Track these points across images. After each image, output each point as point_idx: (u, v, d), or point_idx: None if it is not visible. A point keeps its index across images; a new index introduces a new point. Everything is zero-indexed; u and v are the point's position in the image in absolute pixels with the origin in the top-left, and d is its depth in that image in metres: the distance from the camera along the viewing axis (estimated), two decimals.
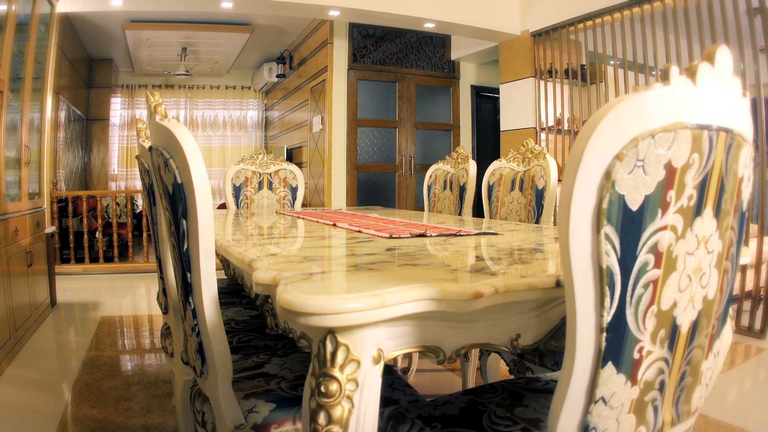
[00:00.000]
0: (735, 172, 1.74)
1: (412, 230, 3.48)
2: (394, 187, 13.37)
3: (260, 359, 2.96)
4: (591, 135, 1.37)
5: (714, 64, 1.53)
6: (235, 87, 19.13)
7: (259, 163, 7.09)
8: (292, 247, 2.72)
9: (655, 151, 1.44)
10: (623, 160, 1.39)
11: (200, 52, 15.78)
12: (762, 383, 6.06)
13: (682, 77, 1.47)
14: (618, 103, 1.38)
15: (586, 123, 1.41)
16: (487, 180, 5.95)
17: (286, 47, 15.68)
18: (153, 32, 13.55)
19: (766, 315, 7.45)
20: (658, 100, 1.43)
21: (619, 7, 9.08)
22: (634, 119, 1.39)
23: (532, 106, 11.08)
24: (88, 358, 6.33)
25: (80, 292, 10.05)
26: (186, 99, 18.73)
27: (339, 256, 2.48)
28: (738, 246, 1.94)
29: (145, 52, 15.56)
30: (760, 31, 7.32)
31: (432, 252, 2.57)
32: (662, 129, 1.43)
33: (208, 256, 2.21)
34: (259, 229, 3.98)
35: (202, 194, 2.15)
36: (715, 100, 1.56)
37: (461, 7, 10.45)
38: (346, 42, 12.64)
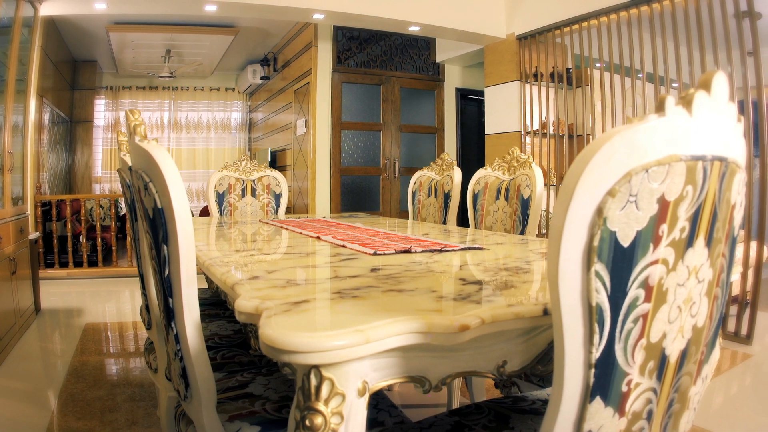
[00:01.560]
0: (728, 200, 1.72)
1: (396, 245, 3.44)
2: (378, 190, 13.34)
3: (244, 378, 2.91)
4: (583, 171, 1.33)
5: (710, 92, 1.50)
6: (219, 88, 19.10)
7: (243, 170, 7.07)
8: (275, 267, 2.66)
9: (648, 185, 1.40)
10: (615, 196, 1.35)
11: (184, 54, 15.74)
12: (749, 390, 6.04)
13: (677, 108, 1.43)
14: (611, 136, 1.34)
15: (577, 156, 1.38)
16: (472, 188, 5.93)
17: (270, 49, 15.66)
18: (137, 34, 13.51)
19: (752, 320, 7.44)
20: (653, 133, 1.39)
21: (606, 11, 9.07)
22: (627, 153, 1.36)
23: (517, 109, 11.05)
24: (73, 367, 6.27)
25: (64, 298, 9.99)
26: (170, 101, 18.68)
27: (322, 278, 2.42)
28: (728, 272, 1.92)
29: (129, 54, 15.51)
30: (747, 35, 7.31)
31: (417, 273, 2.52)
32: (656, 162, 1.39)
33: (189, 282, 2.18)
34: (241, 243, 3.93)
35: (182, 220, 2.12)
36: (711, 129, 1.53)
37: (446, 11, 10.43)
38: (331, 44, 12.60)
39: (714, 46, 7.59)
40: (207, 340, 3.41)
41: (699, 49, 7.81)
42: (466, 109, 14.57)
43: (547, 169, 10.59)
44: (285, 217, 6.73)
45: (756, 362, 6.86)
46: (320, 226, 4.93)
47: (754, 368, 6.70)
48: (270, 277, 2.35)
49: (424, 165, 13.04)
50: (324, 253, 3.28)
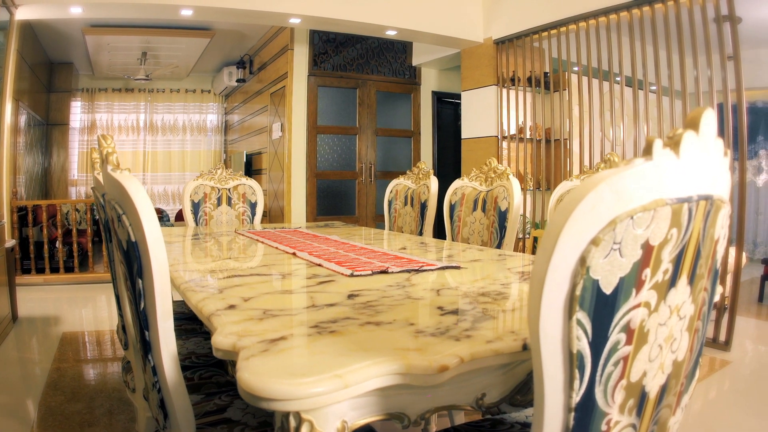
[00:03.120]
0: (712, 237, 1.70)
1: (373, 264, 3.43)
2: (354, 194, 13.30)
3: (222, 402, 2.88)
4: (567, 220, 1.31)
5: (698, 131, 1.48)
6: (195, 90, 19.01)
7: (218, 179, 7.03)
8: (251, 293, 2.62)
9: (633, 232, 1.38)
10: (599, 245, 1.33)
11: (160, 57, 15.67)
12: (728, 399, 6.03)
13: (665, 150, 1.41)
14: (597, 184, 1.31)
15: (561, 204, 1.36)
16: (449, 199, 5.91)
17: (247, 51, 15.58)
18: (113, 37, 13.43)
19: (731, 326, 7.43)
20: (639, 178, 1.37)
21: (585, 17, 9.06)
22: (612, 201, 1.34)
23: (493, 114, 11.04)
24: (51, 378, 6.20)
25: (42, 305, 9.91)
26: (146, 103, 18.57)
27: (299, 308, 2.39)
28: (710, 304, 1.91)
29: (105, 57, 15.43)
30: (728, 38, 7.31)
31: (394, 299, 2.50)
32: (642, 208, 1.38)
33: (165, 316, 2.16)
34: (217, 262, 3.88)
35: (157, 256, 2.10)
36: (698, 169, 1.51)
37: (423, 15, 10.41)
38: (307, 48, 12.53)
39: (693, 50, 7.60)
40: (184, 360, 3.38)
41: (678, 52, 7.81)
42: (442, 113, 14.56)
43: (523, 174, 10.58)
44: (261, 226, 6.72)
45: (734, 369, 6.85)
46: (296, 240, 4.91)
47: (733, 375, 6.69)
48: (246, 307, 2.33)
49: (400, 169, 13.05)
50: (300, 273, 3.25)
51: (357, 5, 9.76)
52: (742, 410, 5.66)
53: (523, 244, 10.48)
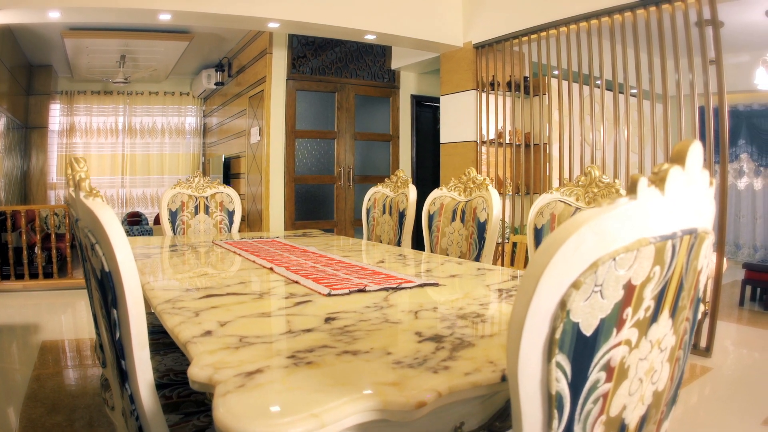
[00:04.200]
0: (695, 268, 1.69)
1: (351, 280, 3.42)
2: (332, 199, 13.24)
3: (201, 422, 2.84)
4: (548, 263, 1.29)
5: (685, 165, 1.47)
6: (173, 93, 18.88)
7: (195, 187, 7.01)
8: (228, 316, 2.60)
9: (615, 273, 1.36)
10: (580, 288, 1.31)
11: (139, 59, 15.59)
12: (709, 406, 6.00)
13: (650, 189, 1.39)
14: (579, 226, 1.29)
15: (542, 246, 1.33)
16: (428, 209, 5.91)
17: (225, 54, 15.51)
18: (92, 40, 13.35)
19: (711, 332, 7.38)
20: (623, 219, 1.36)
21: (565, 22, 9.03)
22: (595, 243, 1.32)
23: (473, 119, 11.01)
24: (31, 390, 6.14)
25: (21, 311, 9.82)
26: (124, 105, 18.44)
27: (276, 333, 2.37)
28: (692, 331, 1.90)
29: (84, 60, 15.34)
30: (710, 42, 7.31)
31: (372, 323, 2.48)
32: (624, 249, 1.36)
33: (141, 346, 2.13)
34: (194, 279, 3.82)
35: (131, 288, 2.07)
36: (683, 203, 1.50)
37: (403, 19, 10.37)
38: (285, 52, 12.46)
39: (675, 54, 7.59)
40: (162, 377, 3.33)
41: (660, 56, 7.80)
42: (421, 116, 14.49)
43: (503, 179, 10.56)
44: (238, 235, 6.69)
45: (715, 375, 6.82)
46: (273, 252, 4.88)
47: (714, 382, 6.65)
48: (222, 333, 2.30)
49: (379, 173, 13.02)
50: (277, 292, 3.23)
51: (336, 10, 9.73)
52: (724, 418, 5.65)
53: (502, 249, 10.45)
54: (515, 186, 10.54)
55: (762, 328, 8.93)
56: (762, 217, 15.21)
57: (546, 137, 10.01)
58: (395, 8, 10.29)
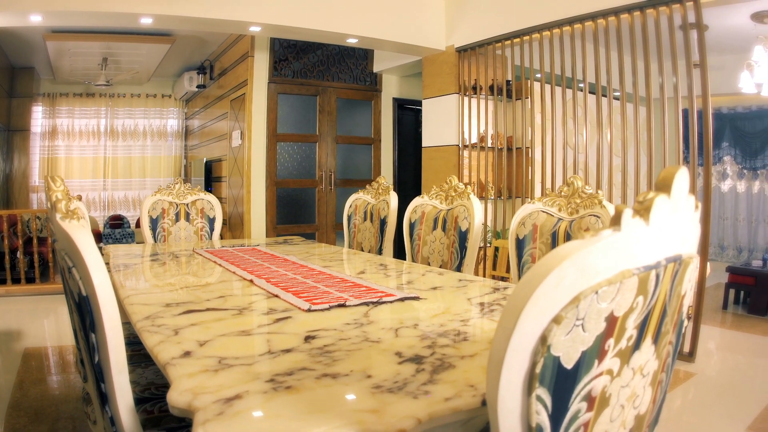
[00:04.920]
0: (679, 294, 1.68)
1: (331, 294, 3.41)
2: (314, 202, 13.21)
3: None
4: (528, 299, 1.27)
5: (671, 193, 1.45)
6: (155, 95, 18.78)
7: (176, 193, 6.97)
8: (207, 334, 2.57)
9: (597, 306, 1.34)
10: (561, 323, 1.29)
11: (121, 62, 15.52)
12: (693, 412, 5.97)
13: (634, 220, 1.38)
14: (561, 261, 1.28)
15: (521, 281, 1.32)
16: (409, 216, 5.91)
17: (207, 57, 15.44)
18: (74, 42, 13.30)
19: (695, 337, 7.34)
20: (606, 251, 1.34)
21: (549, 26, 9.00)
22: (577, 277, 1.30)
23: (455, 123, 10.99)
24: (14, 399, 6.07)
25: (4, 317, 9.72)
26: (106, 108, 18.33)
27: (255, 355, 2.33)
28: (675, 354, 1.89)
29: (66, 62, 15.28)
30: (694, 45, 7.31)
31: (352, 343, 2.47)
32: (607, 282, 1.34)
33: (120, 370, 2.12)
34: (173, 292, 3.76)
35: (109, 313, 2.06)
36: (668, 232, 1.49)
37: (385, 23, 10.35)
38: (267, 55, 12.41)
39: (659, 57, 7.57)
40: (143, 390, 3.30)
41: (643, 59, 7.78)
42: (403, 119, 14.46)
43: (485, 183, 10.55)
44: (219, 242, 6.66)
45: (699, 381, 6.80)
46: (254, 262, 4.86)
47: (697, 387, 6.64)
48: (202, 354, 2.28)
49: (360, 177, 13.01)
50: (257, 308, 3.20)
51: (317, 13, 9.71)
52: (708, 424, 5.64)
53: (484, 253, 10.44)
54: (497, 190, 10.53)
55: (745, 331, 8.93)
56: (746, 219, 15.31)
57: (528, 141, 9.97)
58: (377, 12, 10.27)
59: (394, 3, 10.51)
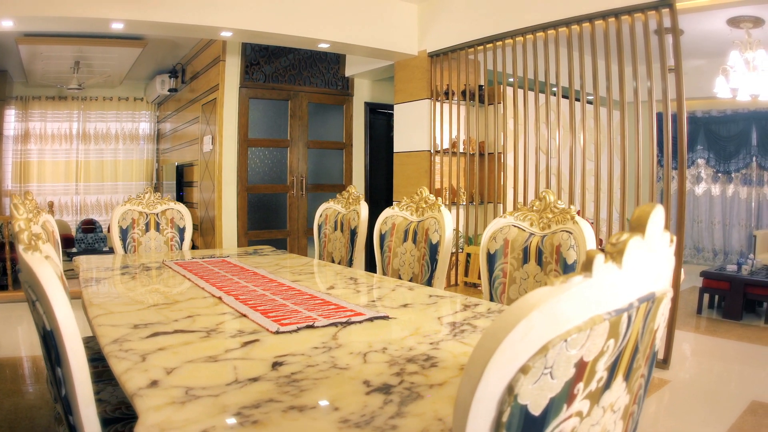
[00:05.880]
0: (651, 330, 1.67)
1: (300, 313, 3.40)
2: (285, 208, 13.17)
3: None
4: (495, 350, 1.24)
5: (645, 234, 1.43)
6: (127, 98, 18.68)
7: (146, 203, 6.93)
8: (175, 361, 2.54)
9: (566, 353, 1.32)
10: (528, 372, 1.27)
11: (93, 65, 15.44)
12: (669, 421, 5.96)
13: (606, 264, 1.36)
14: (529, 311, 1.24)
15: (488, 330, 1.29)
16: (379, 228, 5.89)
17: (179, 60, 15.37)
18: (47, 46, 13.25)
19: (669, 343, 7.36)
20: (576, 299, 1.31)
21: (522, 32, 8.99)
22: (545, 326, 1.27)
23: (427, 128, 10.99)
24: None
25: None
26: (79, 111, 18.22)
27: (222, 384, 2.29)
28: (646, 385, 1.87)
29: (39, 66, 15.20)
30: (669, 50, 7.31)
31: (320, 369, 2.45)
32: (577, 330, 1.31)
33: (87, 404, 2.10)
34: (141, 312, 3.70)
35: (74, 349, 2.04)
36: (641, 272, 1.47)
37: (357, 28, 10.34)
38: (239, 59, 12.38)
39: (634, 61, 7.58)
40: (114, 410, 3.26)
41: (618, 63, 7.78)
42: (375, 124, 14.47)
43: (457, 189, 10.54)
44: (189, 253, 6.63)
45: (674, 388, 6.80)
46: (223, 275, 4.84)
47: (672, 395, 6.63)
48: (169, 383, 2.26)
49: (332, 182, 13.01)
50: (225, 329, 3.18)
51: (289, 18, 9.69)
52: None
53: (456, 259, 10.43)
54: (469, 195, 10.52)
55: (720, 336, 8.94)
56: (720, 222, 15.46)
57: (501, 146, 9.97)
58: (349, 17, 10.25)
59: (367, 8, 10.51)
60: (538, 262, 4.23)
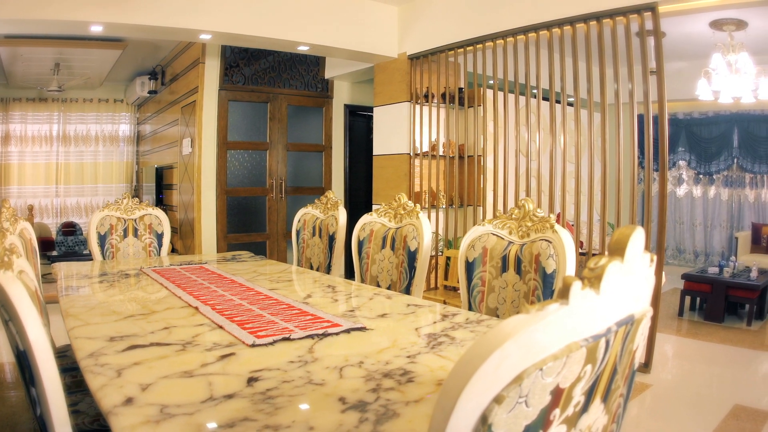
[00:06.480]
0: (630, 351, 1.65)
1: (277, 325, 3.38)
2: (264, 211, 13.14)
3: None
4: (467, 381, 1.22)
5: (624, 258, 1.41)
6: (108, 100, 18.60)
7: (124, 209, 6.89)
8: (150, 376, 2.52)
9: (541, 382, 1.29)
10: (503, 402, 1.25)
11: (74, 67, 15.37)
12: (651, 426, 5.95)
13: (584, 291, 1.33)
14: (503, 341, 1.22)
15: (461, 360, 1.27)
16: (357, 234, 5.87)
17: (159, 62, 15.31)
18: (27, 48, 13.21)
19: (650, 346, 7.34)
20: (552, 327, 1.29)
21: (503, 35, 9.00)
22: (520, 356, 1.25)
23: (406, 131, 10.99)
24: None
25: None
26: (59, 113, 18.12)
27: (197, 402, 2.26)
28: (625, 403, 1.86)
29: (19, 67, 15.13)
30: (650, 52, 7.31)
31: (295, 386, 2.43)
32: (552, 358, 1.29)
33: (62, 424, 2.09)
34: (117, 323, 3.65)
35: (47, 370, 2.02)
36: (620, 296, 1.45)
37: (336, 30, 10.34)
38: (218, 61, 12.36)
39: (615, 63, 7.58)
40: (92, 422, 3.23)
41: (599, 65, 7.79)
42: (354, 126, 14.49)
43: (436, 192, 10.53)
44: (167, 259, 6.61)
45: (655, 392, 6.78)
46: (200, 283, 4.82)
47: (654, 399, 6.61)
48: (144, 400, 2.23)
49: (311, 185, 12.99)
50: (201, 342, 3.13)
51: (268, 21, 9.67)
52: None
53: (435, 262, 10.43)
54: (449, 198, 10.50)
55: (702, 339, 8.95)
56: (701, 223, 15.54)
57: (480, 149, 9.95)
58: (329, 19, 10.24)
59: (346, 10, 10.51)
60: (517, 271, 4.22)
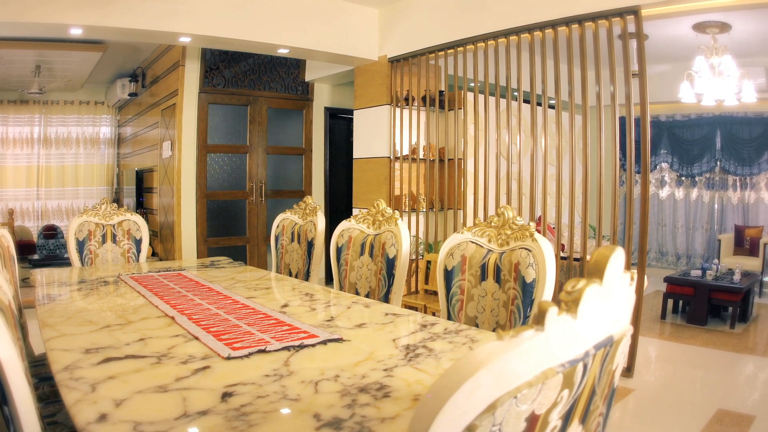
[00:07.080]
0: (610, 371, 1.63)
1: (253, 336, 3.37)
2: (244, 214, 13.12)
3: None
4: (439, 410, 1.19)
5: (603, 279, 1.39)
6: (88, 102, 18.52)
7: (102, 214, 6.87)
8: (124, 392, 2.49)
9: (516, 409, 1.27)
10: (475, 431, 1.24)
11: (55, 69, 15.30)
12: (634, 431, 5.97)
13: (560, 316, 1.31)
14: (476, 371, 1.19)
15: (433, 387, 1.24)
16: (336, 240, 5.85)
17: (140, 64, 15.29)
18: (7, 50, 13.15)
19: (633, 351, 7.34)
20: (527, 354, 1.26)
21: (484, 38, 9.00)
22: (493, 385, 1.22)
23: (386, 134, 10.98)
24: None
25: None
26: (40, 115, 18.02)
27: (171, 419, 2.23)
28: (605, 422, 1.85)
29: (0, 70, 15.13)
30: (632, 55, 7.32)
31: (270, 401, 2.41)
32: (527, 385, 1.27)
33: None
34: (93, 334, 3.60)
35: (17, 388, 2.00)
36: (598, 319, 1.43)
37: (316, 33, 10.33)
38: (198, 64, 12.35)
39: (597, 66, 7.58)
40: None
41: (580, 67, 7.78)
42: (335, 129, 14.49)
43: (416, 195, 10.52)
44: (146, 265, 6.56)
45: (638, 397, 6.79)
46: (178, 291, 4.80)
47: (636, 404, 6.63)
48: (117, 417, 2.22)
49: (291, 188, 12.98)
50: (177, 354, 3.09)
51: (248, 24, 9.66)
52: None
53: (416, 266, 10.45)
54: (429, 202, 10.49)
55: (685, 342, 8.96)
56: (684, 226, 15.66)
57: (461, 152, 9.94)
58: (309, 22, 10.22)
59: (327, 13, 10.49)
60: (497, 280, 4.19)
